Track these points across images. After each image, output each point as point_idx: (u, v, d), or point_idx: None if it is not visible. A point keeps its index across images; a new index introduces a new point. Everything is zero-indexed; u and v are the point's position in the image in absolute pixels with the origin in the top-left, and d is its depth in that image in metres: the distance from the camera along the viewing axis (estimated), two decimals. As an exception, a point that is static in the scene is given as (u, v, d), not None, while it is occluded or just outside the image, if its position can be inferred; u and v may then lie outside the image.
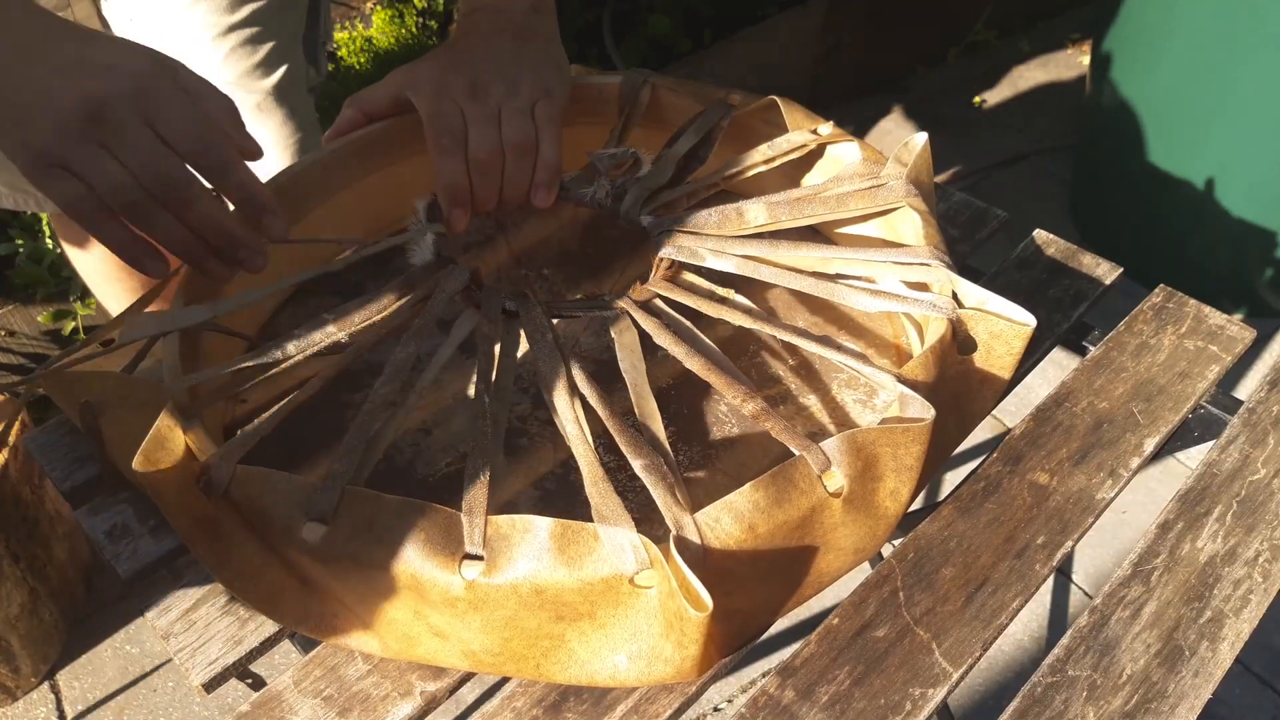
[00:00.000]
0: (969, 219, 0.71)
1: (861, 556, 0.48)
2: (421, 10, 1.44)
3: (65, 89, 0.45)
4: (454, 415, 0.55)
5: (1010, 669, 1.10)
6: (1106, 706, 0.44)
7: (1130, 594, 0.48)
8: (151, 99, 0.46)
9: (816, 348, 0.50)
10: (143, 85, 0.46)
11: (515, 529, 0.40)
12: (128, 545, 0.50)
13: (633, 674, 0.42)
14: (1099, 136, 1.53)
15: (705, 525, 0.41)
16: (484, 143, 0.56)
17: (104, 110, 0.45)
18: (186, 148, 0.47)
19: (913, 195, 0.56)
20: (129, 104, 0.46)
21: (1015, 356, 0.52)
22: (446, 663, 0.44)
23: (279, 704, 0.44)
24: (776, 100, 0.63)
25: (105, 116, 0.45)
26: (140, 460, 0.41)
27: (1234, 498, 0.52)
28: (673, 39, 1.61)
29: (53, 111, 0.45)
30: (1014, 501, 0.51)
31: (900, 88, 1.98)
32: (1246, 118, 1.27)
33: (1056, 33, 2.14)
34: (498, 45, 0.60)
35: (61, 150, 0.46)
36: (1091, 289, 0.65)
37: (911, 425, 0.44)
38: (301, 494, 0.41)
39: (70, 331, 1.27)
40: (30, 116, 0.45)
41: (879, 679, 0.44)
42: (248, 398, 0.56)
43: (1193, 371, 0.58)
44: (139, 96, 0.46)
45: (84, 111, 0.45)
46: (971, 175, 1.78)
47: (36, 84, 0.45)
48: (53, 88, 0.45)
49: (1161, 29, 1.31)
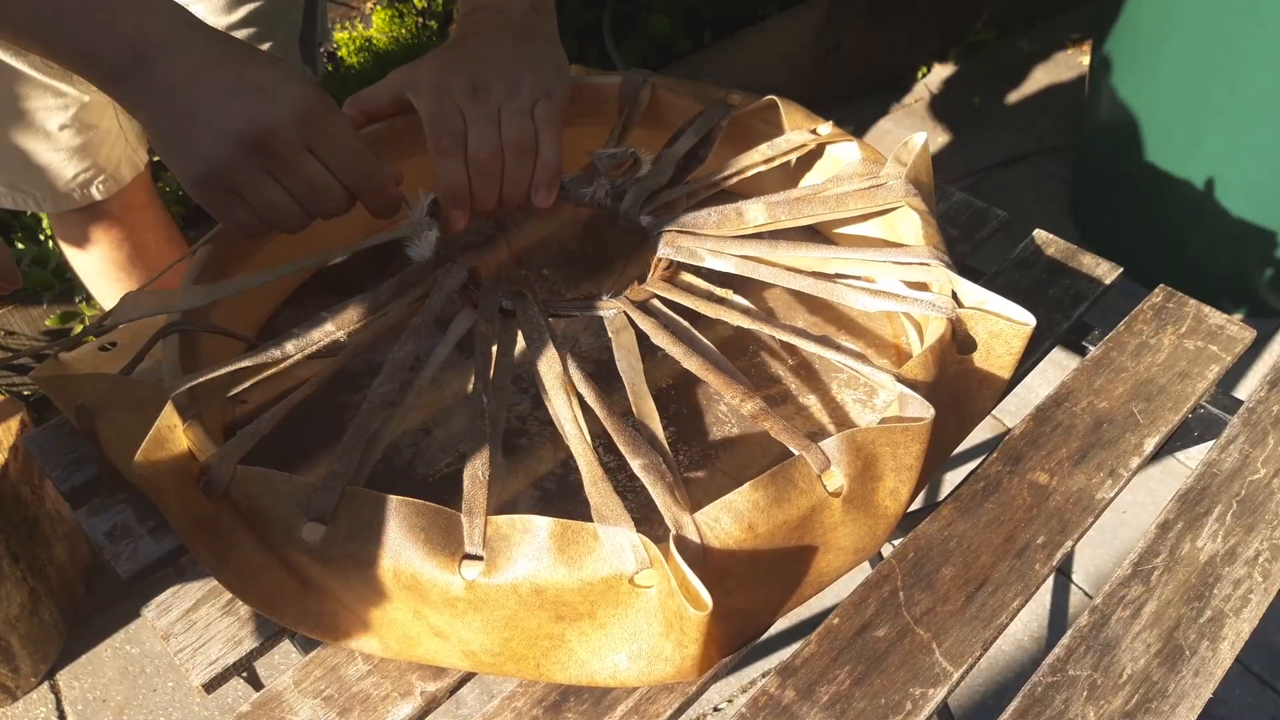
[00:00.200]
0: (969, 219, 0.71)
1: (861, 556, 0.48)
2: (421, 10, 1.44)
3: (233, 114, 0.46)
4: (454, 415, 0.55)
5: (1010, 669, 1.10)
6: (1107, 706, 0.44)
7: (1130, 594, 0.48)
8: (315, 125, 0.48)
9: (816, 347, 0.50)
10: (307, 113, 0.48)
11: (515, 529, 0.40)
12: (127, 546, 0.50)
13: (633, 674, 0.42)
14: (1099, 136, 1.53)
15: (705, 525, 0.41)
16: (484, 143, 0.56)
17: (272, 139, 0.47)
18: (350, 174, 0.50)
19: (912, 195, 0.56)
20: (294, 131, 0.48)
21: (1015, 356, 0.52)
22: (446, 663, 0.44)
23: (279, 704, 0.44)
24: (776, 100, 0.63)
25: (273, 145, 0.47)
26: (140, 460, 0.41)
27: (1234, 497, 0.52)
28: (673, 39, 1.61)
29: (221, 136, 0.46)
30: (1014, 501, 0.51)
31: (900, 88, 1.98)
32: (1246, 117, 1.27)
33: (1056, 33, 2.14)
34: (498, 45, 0.60)
35: (230, 175, 0.47)
36: (1091, 289, 0.65)
37: (911, 425, 0.44)
38: (301, 494, 0.41)
39: (79, 333, 1.27)
40: (199, 139, 0.47)
41: (879, 679, 0.44)
42: (248, 398, 0.56)
43: (1192, 371, 0.58)
44: (304, 123, 0.48)
45: (254, 139, 0.47)
46: (971, 175, 1.78)
47: (205, 107, 0.47)
48: (221, 112, 0.46)
49: (1161, 29, 1.31)
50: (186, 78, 0.47)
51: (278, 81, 0.48)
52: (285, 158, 0.48)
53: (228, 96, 0.47)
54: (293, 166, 0.48)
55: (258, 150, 0.47)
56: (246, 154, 0.47)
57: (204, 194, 0.49)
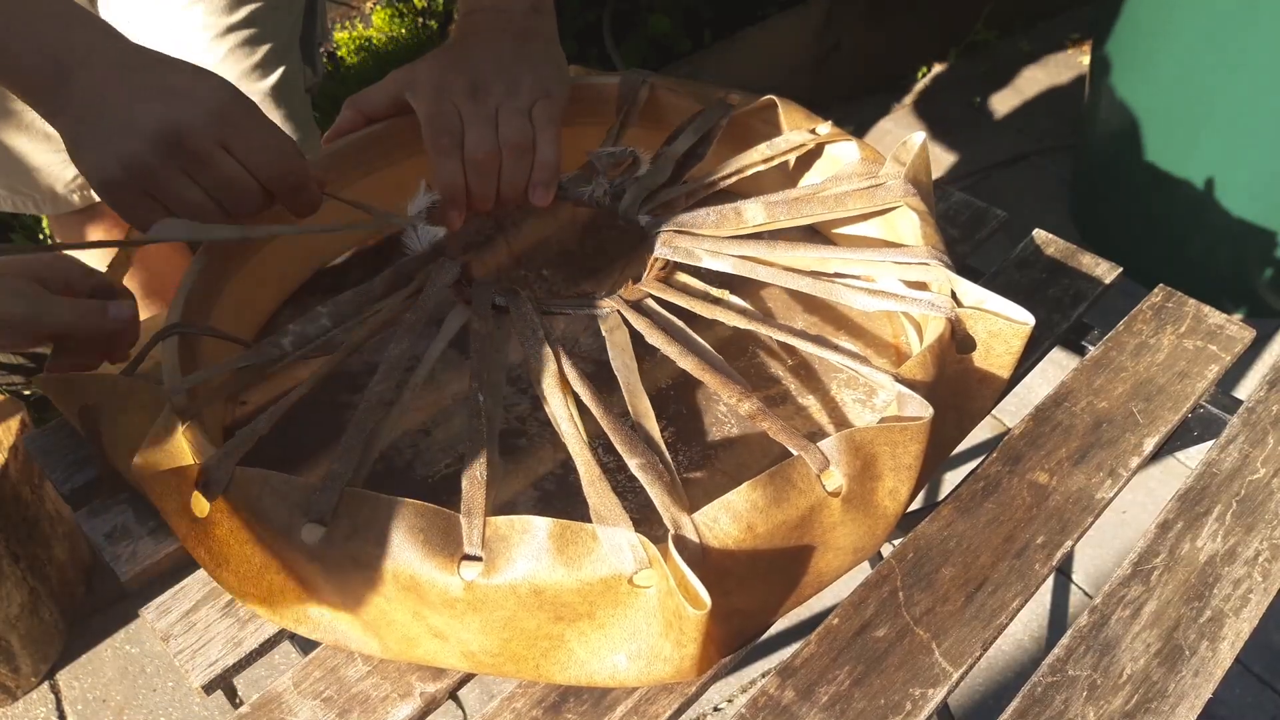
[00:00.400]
0: (969, 219, 0.71)
1: (861, 556, 0.47)
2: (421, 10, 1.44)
3: (147, 116, 0.46)
4: (453, 416, 0.55)
5: (1010, 669, 1.10)
6: (1106, 706, 0.44)
7: (1130, 594, 0.48)
8: (230, 125, 0.48)
9: (814, 348, 0.50)
10: (219, 110, 0.48)
11: (514, 529, 0.40)
12: (127, 547, 0.50)
13: (632, 674, 0.42)
14: (1099, 136, 1.53)
15: (703, 525, 0.41)
16: (481, 143, 0.56)
17: (184, 137, 0.47)
18: (265, 171, 0.50)
19: (911, 195, 0.56)
20: (208, 128, 0.47)
21: (1014, 356, 0.52)
22: (446, 664, 0.44)
23: (279, 705, 0.44)
24: (775, 100, 0.63)
25: (186, 143, 0.47)
26: (139, 462, 0.41)
27: (1234, 497, 0.52)
28: (673, 39, 1.61)
29: (135, 139, 0.46)
30: (1014, 501, 0.51)
31: (900, 88, 1.98)
32: (1246, 118, 1.27)
33: (1056, 33, 2.14)
34: (497, 46, 0.60)
35: (143, 175, 0.47)
36: (1091, 289, 0.65)
37: (910, 424, 0.44)
38: (300, 495, 0.41)
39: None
40: (113, 143, 0.47)
41: (879, 679, 0.44)
42: (247, 398, 0.56)
43: (1192, 371, 0.58)
44: (218, 121, 0.48)
45: (166, 137, 0.47)
46: (971, 175, 1.78)
47: (120, 111, 0.47)
48: (135, 115, 0.47)
49: (1160, 29, 1.31)
50: (103, 85, 0.47)
51: (192, 82, 0.48)
52: (200, 156, 0.48)
53: (143, 100, 0.47)
54: (207, 164, 0.48)
55: (172, 149, 0.47)
56: (161, 154, 0.47)
57: (114, 194, 0.48)
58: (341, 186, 0.63)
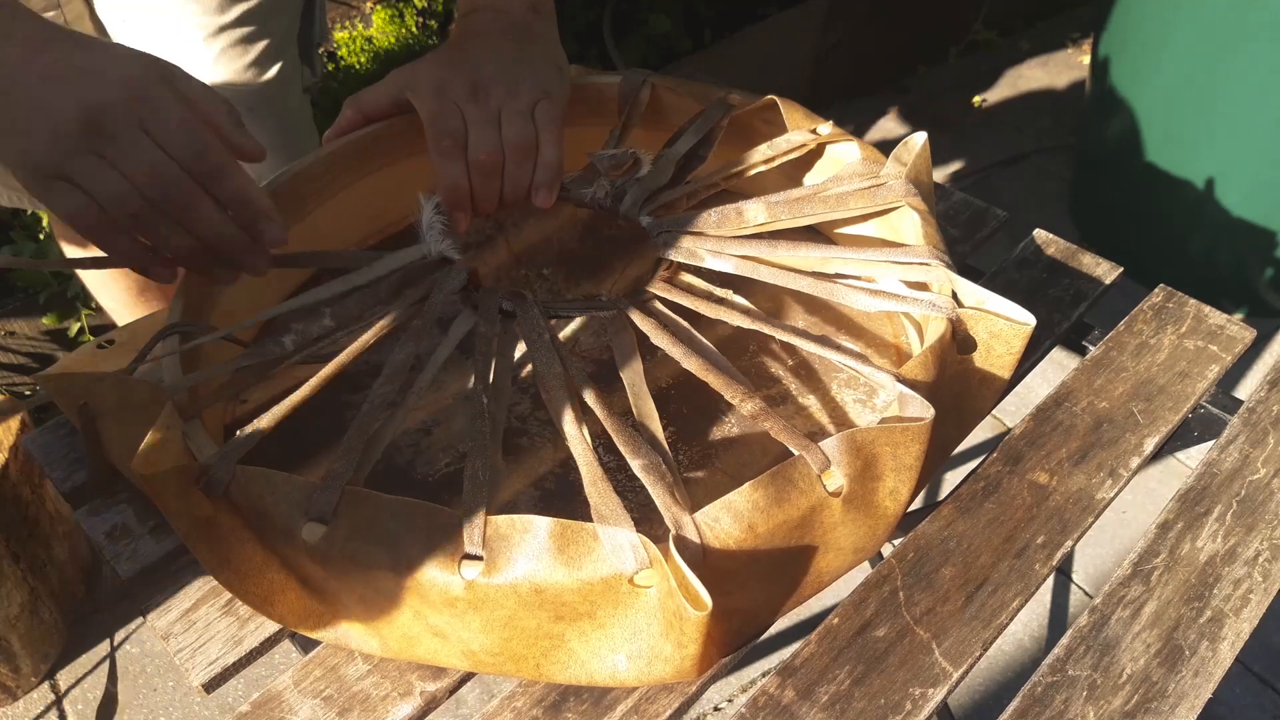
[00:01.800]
0: (969, 219, 0.71)
1: (861, 556, 0.48)
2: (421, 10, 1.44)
3: (60, 98, 0.44)
4: (454, 415, 0.55)
5: (1010, 669, 1.10)
6: (1107, 706, 0.44)
7: (1130, 594, 0.48)
8: (148, 105, 0.46)
9: (815, 348, 0.50)
10: (137, 91, 0.45)
11: (515, 529, 0.40)
12: (128, 546, 0.50)
13: (632, 673, 0.42)
14: (1099, 137, 1.53)
15: (704, 525, 0.41)
16: (484, 144, 0.56)
17: (100, 119, 0.45)
18: (181, 153, 0.47)
19: (912, 195, 0.56)
20: (124, 111, 0.45)
21: (1015, 356, 0.52)
22: (446, 663, 0.44)
23: (279, 704, 0.44)
24: (776, 100, 0.63)
25: (102, 125, 0.45)
26: (140, 461, 0.41)
27: (1234, 497, 0.52)
28: (673, 39, 1.61)
29: (49, 122, 0.44)
30: (1014, 501, 0.51)
31: (900, 88, 1.98)
32: (1246, 118, 1.27)
33: (1056, 33, 2.14)
34: (498, 46, 0.59)
35: (61, 161, 0.45)
36: (1091, 289, 0.65)
37: (911, 424, 0.44)
38: (301, 494, 0.41)
39: (76, 332, 1.27)
40: (27, 128, 0.45)
41: (879, 679, 0.44)
42: (248, 398, 0.56)
43: (1193, 371, 0.58)
44: (134, 103, 0.45)
45: (80, 121, 0.44)
46: (971, 175, 1.78)
47: (31, 93, 0.45)
48: (47, 97, 0.44)
49: (1161, 29, 1.31)
50: (10, 65, 0.45)
51: (106, 62, 0.46)
52: (115, 137, 0.45)
53: (54, 81, 0.45)
54: (126, 148, 0.46)
55: (86, 131, 0.45)
56: (74, 138, 0.45)
57: (37, 183, 0.46)
58: (342, 186, 0.63)
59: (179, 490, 0.43)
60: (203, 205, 0.48)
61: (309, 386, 0.47)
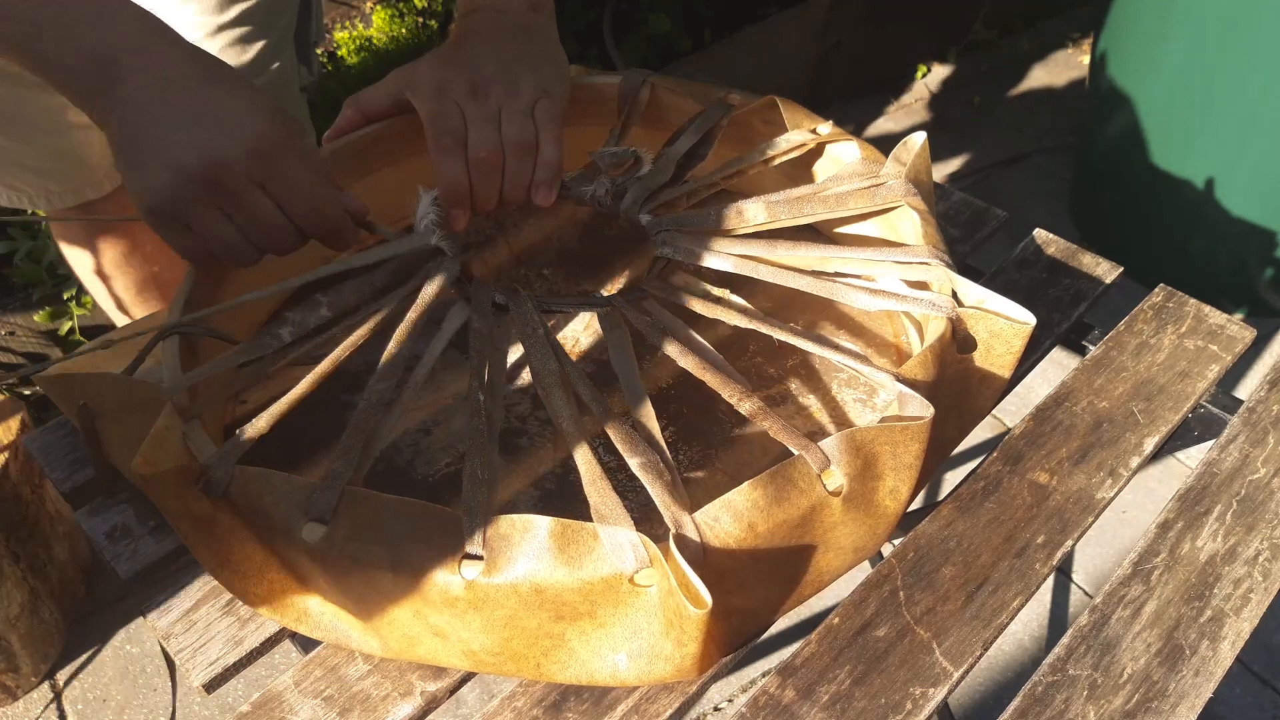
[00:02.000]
0: (969, 219, 0.71)
1: (861, 555, 0.47)
2: (421, 10, 1.44)
3: (185, 145, 0.45)
4: (453, 415, 0.55)
5: (1010, 668, 1.10)
6: (1107, 706, 0.44)
7: (1130, 593, 0.48)
8: (268, 161, 0.47)
9: (815, 347, 0.50)
10: (260, 148, 0.47)
11: (515, 528, 0.40)
12: (128, 546, 0.50)
13: (633, 673, 0.42)
14: (1099, 136, 1.53)
15: (704, 524, 0.41)
16: (484, 142, 0.56)
17: (221, 174, 0.46)
18: (301, 214, 0.49)
19: (912, 194, 0.56)
20: (245, 167, 0.47)
21: (1015, 355, 0.52)
22: (447, 662, 0.44)
23: (279, 704, 0.44)
24: (776, 100, 0.63)
25: (222, 181, 0.46)
26: (140, 461, 0.41)
27: (1234, 497, 0.52)
28: (673, 39, 1.61)
29: (172, 168, 0.46)
30: (1014, 501, 0.51)
31: (900, 88, 1.98)
32: (1246, 118, 1.27)
33: (1056, 33, 2.14)
34: (498, 45, 0.59)
35: (179, 208, 0.47)
36: (1091, 289, 0.65)
37: (910, 424, 0.44)
38: (301, 494, 0.41)
39: (67, 331, 1.27)
40: (150, 169, 0.46)
41: (879, 678, 0.44)
42: (247, 398, 0.56)
43: (1193, 371, 0.58)
44: (256, 159, 0.47)
45: (202, 173, 0.46)
46: (971, 175, 1.78)
47: (157, 133, 0.46)
48: (172, 141, 0.46)
49: (1160, 29, 1.31)
50: (145, 97, 0.46)
51: (235, 111, 0.47)
52: (235, 194, 0.47)
53: (182, 124, 0.46)
54: (242, 203, 0.47)
55: (206, 185, 0.46)
56: (194, 188, 0.46)
57: (154, 221, 0.48)
58: (343, 185, 0.63)
59: (179, 490, 0.43)
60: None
61: (306, 383, 0.47)
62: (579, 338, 0.60)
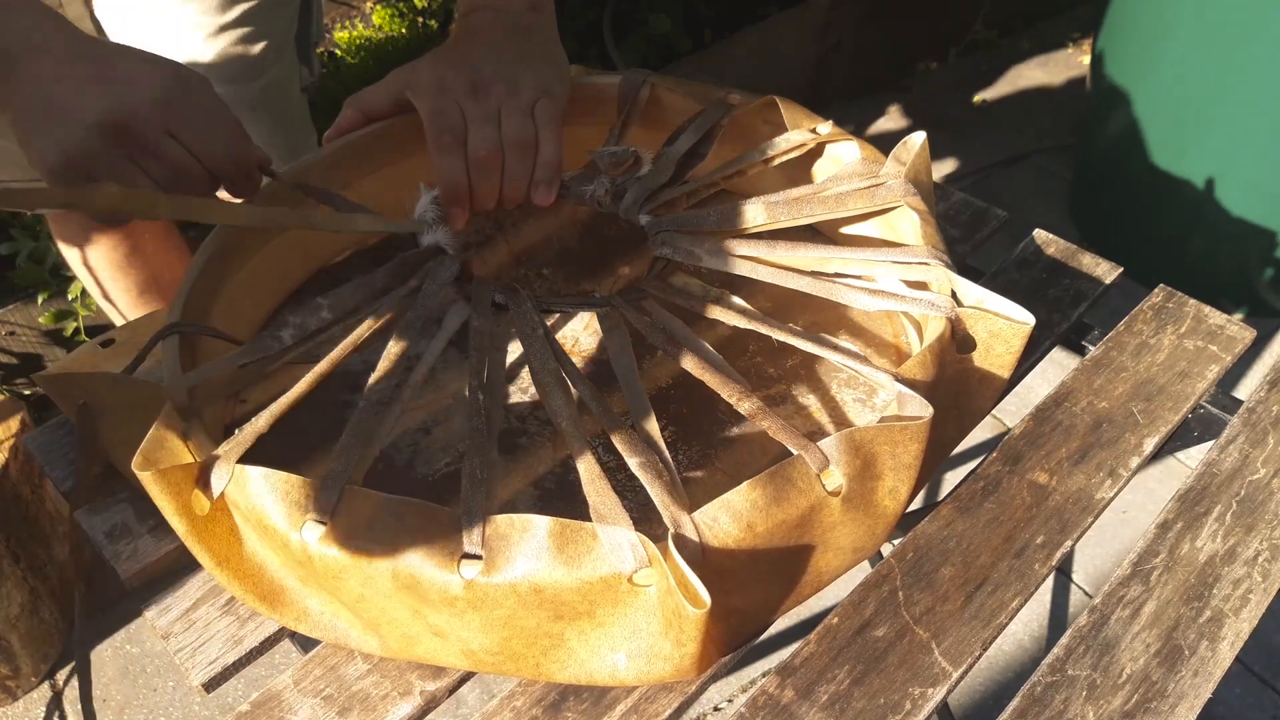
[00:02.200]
0: (969, 219, 0.71)
1: (861, 555, 0.48)
2: (421, 10, 1.44)
3: (90, 103, 0.47)
4: (453, 414, 0.55)
5: (1010, 668, 1.10)
6: (1106, 706, 0.44)
7: (1130, 593, 0.48)
8: (174, 109, 0.48)
9: (814, 347, 0.50)
10: (163, 98, 0.48)
11: (514, 528, 0.40)
12: (128, 545, 0.50)
13: (632, 672, 0.42)
14: (1099, 136, 1.53)
15: (703, 524, 0.41)
16: (484, 141, 0.56)
17: (130, 121, 0.47)
18: (210, 154, 0.50)
19: (911, 194, 0.56)
20: (151, 113, 0.47)
21: (1014, 355, 0.52)
22: (446, 662, 0.44)
23: (279, 704, 0.44)
24: (776, 100, 0.63)
25: (130, 129, 0.47)
26: (139, 461, 0.41)
27: (1234, 497, 0.52)
28: (673, 39, 1.61)
29: (79, 125, 0.46)
30: (1013, 501, 0.51)
31: (900, 88, 1.98)
32: (1246, 118, 1.27)
33: (1056, 33, 2.14)
34: (498, 45, 0.60)
35: (89, 162, 0.47)
36: (1091, 289, 0.65)
37: (910, 424, 0.44)
38: (301, 493, 0.41)
39: (72, 332, 1.27)
40: (57, 130, 0.47)
41: (878, 678, 0.44)
42: (247, 397, 0.56)
43: (1192, 371, 0.58)
44: (162, 107, 0.48)
45: (112, 121, 0.47)
46: (971, 175, 1.78)
47: (63, 98, 0.47)
48: (78, 102, 0.47)
49: (1160, 29, 1.31)
50: (47, 73, 0.47)
51: (138, 68, 0.48)
52: (144, 142, 0.48)
53: (86, 87, 0.47)
54: (151, 148, 0.48)
55: (115, 136, 0.47)
56: (103, 140, 0.47)
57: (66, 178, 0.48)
58: (342, 185, 0.63)
59: (178, 489, 0.43)
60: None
61: (306, 382, 0.47)
62: (579, 337, 0.60)
